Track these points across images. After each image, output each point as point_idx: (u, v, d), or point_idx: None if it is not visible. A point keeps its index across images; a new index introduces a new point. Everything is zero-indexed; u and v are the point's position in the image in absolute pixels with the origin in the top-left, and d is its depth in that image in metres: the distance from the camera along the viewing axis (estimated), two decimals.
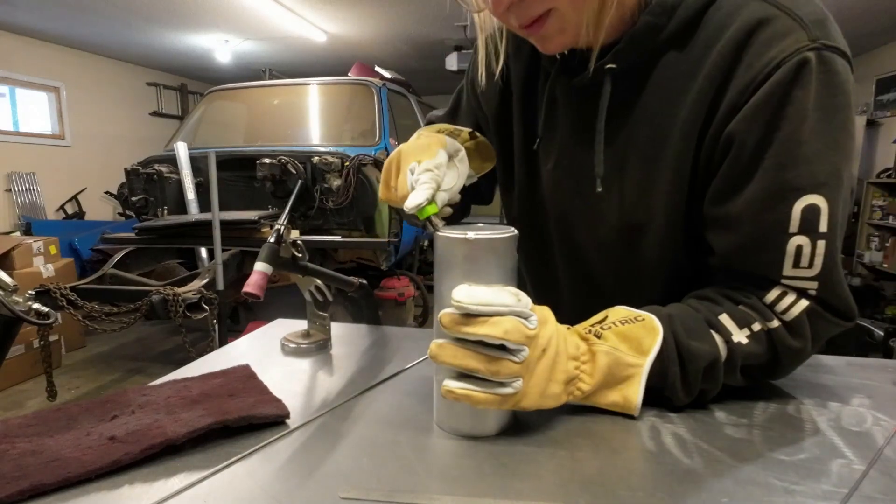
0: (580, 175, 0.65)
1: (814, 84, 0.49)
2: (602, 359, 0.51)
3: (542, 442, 0.49)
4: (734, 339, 0.53)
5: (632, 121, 0.60)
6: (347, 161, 3.14)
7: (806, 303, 0.52)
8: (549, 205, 0.72)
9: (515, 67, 0.72)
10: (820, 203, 0.50)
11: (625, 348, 0.52)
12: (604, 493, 0.41)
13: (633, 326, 0.53)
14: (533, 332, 0.46)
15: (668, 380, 0.52)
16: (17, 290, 1.23)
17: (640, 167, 0.61)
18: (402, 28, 5.02)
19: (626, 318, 0.54)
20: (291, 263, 0.76)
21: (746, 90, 0.51)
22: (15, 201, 5.11)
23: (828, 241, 0.51)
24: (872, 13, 4.36)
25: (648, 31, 0.55)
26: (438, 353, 0.46)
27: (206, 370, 0.65)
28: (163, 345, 3.89)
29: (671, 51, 0.57)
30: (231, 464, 0.46)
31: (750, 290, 0.55)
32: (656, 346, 0.51)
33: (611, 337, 0.52)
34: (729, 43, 0.53)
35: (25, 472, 0.43)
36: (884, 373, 0.66)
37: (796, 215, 0.51)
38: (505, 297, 0.45)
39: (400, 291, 3.66)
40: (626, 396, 0.52)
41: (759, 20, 0.51)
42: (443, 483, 0.43)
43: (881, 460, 0.45)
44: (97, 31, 5.05)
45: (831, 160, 0.50)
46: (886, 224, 5.00)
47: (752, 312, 0.54)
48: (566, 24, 0.54)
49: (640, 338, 0.52)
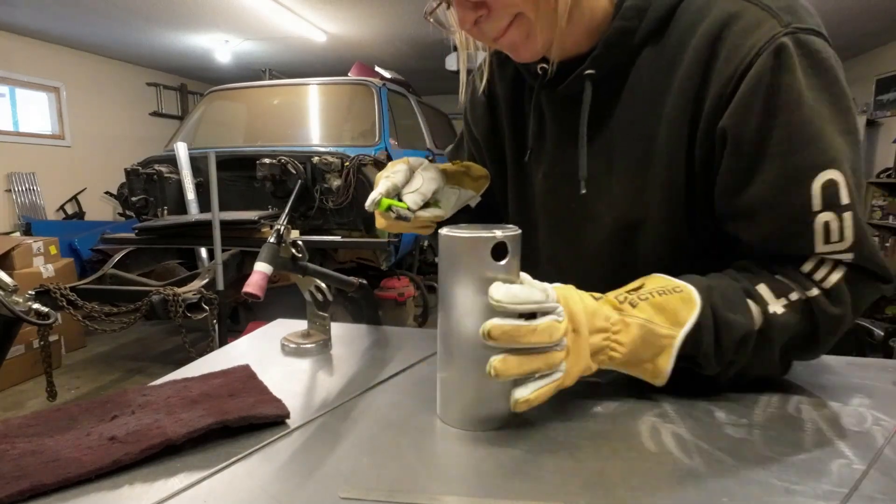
0: (570, 180, 0.67)
1: (798, 67, 0.51)
2: (635, 330, 0.52)
3: (542, 442, 0.49)
4: (770, 309, 0.53)
5: (615, 122, 0.62)
6: (347, 161, 3.14)
7: (844, 269, 0.53)
8: (543, 212, 0.74)
9: (501, 88, 0.76)
10: (836, 177, 0.51)
11: (660, 320, 0.52)
12: (604, 493, 0.41)
13: (671, 297, 0.53)
14: (565, 323, 0.48)
15: (702, 349, 0.53)
16: (17, 290, 1.23)
17: (628, 167, 0.63)
18: (402, 28, 5.02)
19: (664, 289, 0.54)
20: (291, 263, 0.76)
21: (730, 82, 0.53)
22: (15, 201, 5.11)
23: (853, 211, 0.52)
24: (872, 13, 4.37)
25: (622, 34, 0.58)
26: (505, 368, 0.46)
27: (206, 370, 0.65)
28: (163, 345, 3.89)
29: (646, 50, 0.59)
30: (231, 464, 0.46)
31: (787, 262, 0.56)
32: (693, 317, 0.52)
33: (647, 308, 0.53)
34: (702, 38, 0.54)
35: (25, 473, 0.43)
36: (884, 373, 0.66)
37: (817, 193, 0.52)
38: (536, 294, 0.47)
39: (400, 291, 3.66)
40: (656, 365, 0.53)
41: (729, 14, 0.53)
42: (443, 483, 0.43)
43: (881, 460, 0.45)
44: (97, 31, 5.05)
45: (836, 134, 0.52)
46: (886, 224, 5.01)
47: (789, 282, 0.54)
48: (532, 29, 0.56)
49: (676, 309, 0.52)
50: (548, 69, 0.63)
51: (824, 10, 4.22)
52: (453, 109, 6.27)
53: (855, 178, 0.53)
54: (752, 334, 0.53)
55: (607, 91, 0.61)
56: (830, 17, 4.45)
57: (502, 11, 0.55)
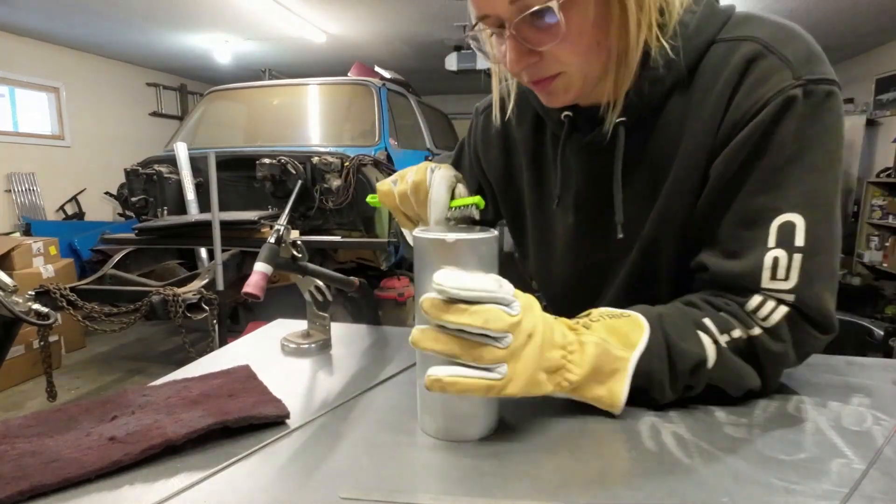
0: (600, 226, 0.68)
1: (796, 118, 0.53)
2: (591, 349, 0.51)
3: (541, 442, 0.49)
4: (719, 341, 0.54)
5: (643, 167, 0.63)
6: (347, 161, 3.14)
7: (786, 309, 0.54)
8: (569, 258, 0.75)
9: (520, 134, 0.76)
10: (796, 220, 0.53)
11: (613, 340, 0.53)
12: (604, 493, 0.41)
13: (620, 321, 0.54)
14: (516, 318, 0.45)
15: (655, 378, 0.53)
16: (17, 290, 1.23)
17: (655, 210, 0.64)
18: (402, 28, 5.02)
19: (613, 314, 0.55)
20: (291, 264, 0.76)
21: (736, 126, 0.56)
22: (15, 202, 5.11)
23: (804, 254, 0.53)
24: (872, 13, 4.36)
25: (653, 83, 0.59)
26: (420, 338, 0.45)
27: (206, 370, 0.65)
28: (163, 345, 3.89)
29: (674, 97, 0.60)
30: (231, 464, 0.46)
31: (731, 298, 0.56)
32: (642, 340, 0.53)
33: (599, 329, 0.53)
34: (724, 85, 0.57)
35: (25, 473, 0.43)
36: (884, 373, 0.66)
37: (773, 231, 0.54)
38: (487, 283, 0.45)
39: (400, 291, 3.65)
40: (611, 390, 0.52)
41: (748, 60, 0.55)
42: (443, 483, 0.43)
43: (881, 460, 0.45)
44: (97, 31, 5.05)
45: (809, 183, 0.54)
46: (886, 224, 5.00)
47: (732, 319, 0.55)
48: (571, 85, 0.59)
49: (626, 332, 0.53)
50: (572, 116, 0.65)
51: (824, 10, 4.22)
52: (453, 109, 6.28)
53: (824, 228, 0.54)
54: (704, 363, 0.53)
55: (639, 137, 0.62)
56: (830, 17, 4.45)
57: (552, 65, 0.57)
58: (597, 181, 0.67)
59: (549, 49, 0.54)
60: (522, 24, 0.53)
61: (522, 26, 0.54)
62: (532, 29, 0.54)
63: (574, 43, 0.54)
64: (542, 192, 0.76)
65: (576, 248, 0.73)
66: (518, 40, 0.55)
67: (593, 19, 0.53)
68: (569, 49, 0.55)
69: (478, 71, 5.26)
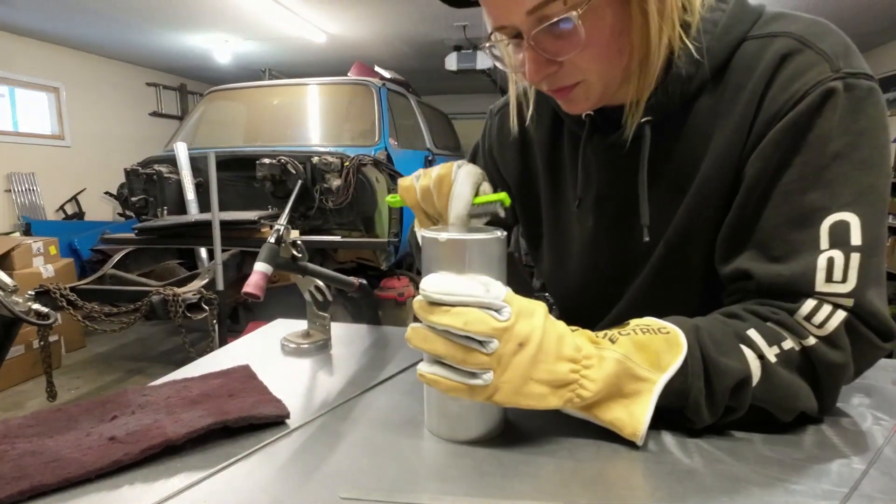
0: (620, 229, 0.66)
1: (838, 111, 0.50)
2: (610, 366, 0.46)
3: (542, 442, 0.49)
4: (766, 355, 0.48)
5: (669, 168, 0.61)
6: (347, 161, 3.14)
7: (844, 314, 0.48)
8: (585, 261, 0.72)
9: (537, 135, 0.74)
10: (849, 219, 0.49)
11: (639, 359, 0.48)
12: (604, 493, 0.41)
13: (655, 337, 0.49)
14: (504, 324, 0.44)
15: (691, 397, 0.47)
16: (17, 290, 1.23)
17: (682, 212, 0.61)
18: (402, 28, 5.02)
19: (649, 327, 0.50)
20: (291, 263, 0.76)
21: (772, 122, 0.52)
22: (15, 202, 5.11)
23: (862, 254, 0.48)
24: (872, 13, 4.36)
25: (680, 81, 0.56)
26: (411, 336, 0.47)
27: (206, 370, 0.65)
28: (163, 345, 3.89)
29: (703, 97, 0.58)
30: (231, 464, 0.46)
31: (780, 305, 0.51)
32: (676, 363, 0.47)
33: (625, 343, 0.48)
34: (758, 80, 0.54)
35: (25, 473, 0.43)
36: (884, 373, 0.66)
37: (825, 232, 0.50)
38: (473, 288, 0.44)
39: (400, 291, 3.65)
40: (631, 413, 0.47)
41: (783, 55, 0.53)
42: (443, 483, 0.43)
43: (881, 460, 0.45)
44: (97, 31, 5.05)
45: (859, 180, 0.50)
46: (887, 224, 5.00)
47: (781, 329, 0.49)
48: (591, 93, 0.57)
49: (659, 351, 0.48)
50: (594, 116, 0.63)
51: (824, 10, 4.22)
52: (453, 109, 6.28)
53: (879, 228, 0.50)
54: (749, 380, 0.48)
55: (665, 136, 0.60)
56: (831, 17, 4.42)
57: (572, 74, 0.55)
58: (618, 183, 0.65)
59: (569, 58, 0.53)
60: (540, 34, 0.52)
61: (541, 37, 0.52)
62: (550, 39, 0.52)
63: (594, 51, 0.53)
64: (560, 195, 0.74)
65: (593, 251, 0.70)
66: (537, 51, 0.53)
67: (612, 26, 0.51)
68: (588, 57, 0.53)
69: (478, 71, 5.26)
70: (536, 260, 0.83)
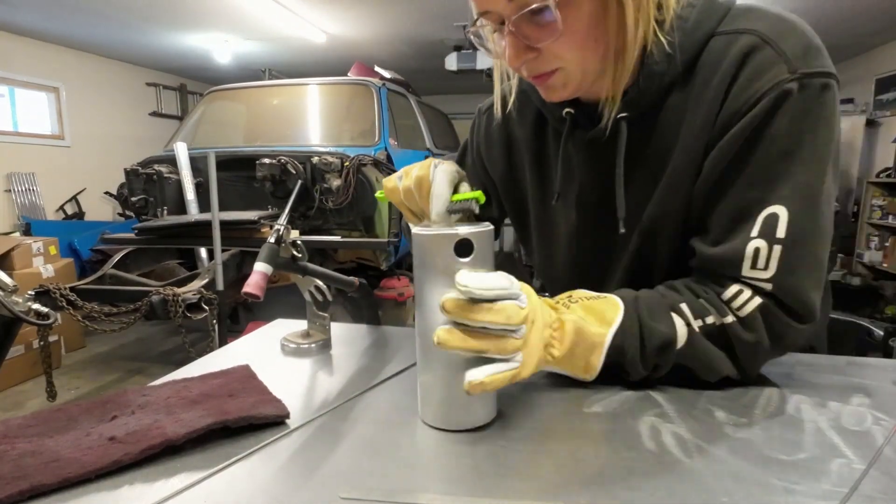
0: (602, 221, 0.70)
1: (790, 112, 0.54)
2: (569, 327, 0.55)
3: (541, 442, 0.49)
4: (692, 325, 0.57)
5: (644, 162, 0.65)
6: (347, 161, 3.14)
7: (759, 300, 0.56)
8: (571, 252, 0.77)
9: (522, 133, 0.78)
10: (780, 212, 0.55)
11: (591, 319, 0.56)
12: (604, 493, 0.41)
13: (598, 301, 0.59)
14: (526, 310, 0.49)
15: (628, 353, 0.57)
16: (17, 290, 1.23)
17: (654, 202, 0.66)
18: (402, 28, 5.02)
19: (591, 296, 0.60)
20: (291, 264, 0.76)
21: (733, 118, 0.57)
22: (14, 202, 5.11)
23: (784, 246, 0.55)
24: (872, 13, 4.36)
25: (653, 78, 0.60)
26: (448, 338, 0.47)
27: (206, 370, 0.65)
28: (163, 345, 3.89)
29: (674, 92, 0.61)
30: (231, 464, 0.46)
31: (711, 286, 0.59)
32: (618, 318, 0.57)
33: (578, 310, 0.57)
34: (722, 77, 0.58)
35: (25, 473, 0.43)
36: (884, 373, 0.66)
37: (759, 223, 0.56)
38: (502, 281, 0.48)
39: (400, 291, 3.66)
40: (588, 363, 0.57)
41: (745, 53, 0.56)
42: (443, 483, 0.43)
43: (881, 460, 0.45)
44: (97, 31, 5.05)
45: (796, 176, 0.55)
46: (886, 224, 5.00)
47: (708, 306, 0.58)
48: (569, 80, 0.60)
49: (603, 310, 0.57)
50: (574, 113, 0.67)
51: (824, 10, 4.22)
52: (453, 109, 6.27)
53: (808, 220, 0.55)
54: (674, 344, 0.57)
55: (640, 131, 0.64)
56: (830, 17, 4.44)
57: (550, 61, 0.58)
58: (599, 177, 0.69)
59: (547, 45, 0.56)
60: (521, 21, 0.55)
61: (521, 23, 0.55)
62: (530, 26, 0.56)
63: (571, 39, 0.56)
64: (545, 190, 0.77)
65: (577, 243, 0.76)
66: (517, 36, 0.56)
67: (590, 16, 0.55)
68: (566, 45, 0.56)
69: (478, 71, 5.26)
70: (527, 253, 0.87)
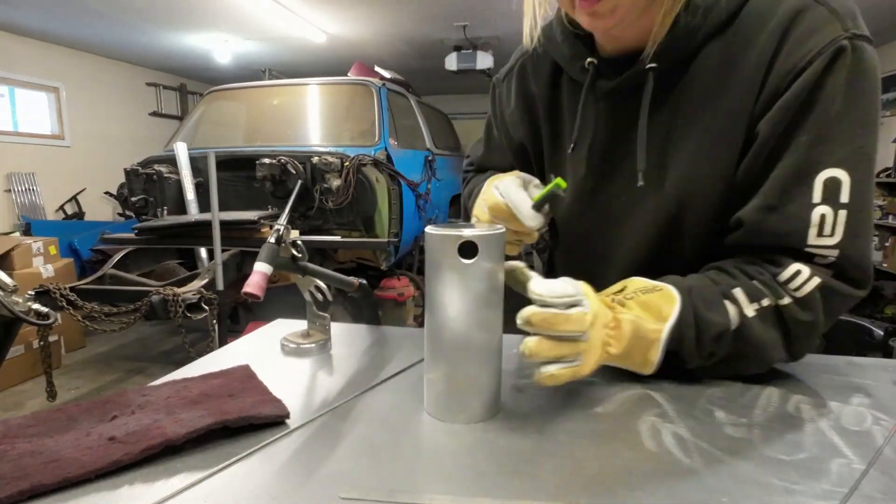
0: (622, 173, 0.69)
1: (845, 71, 0.54)
2: (627, 327, 0.56)
3: (541, 442, 0.49)
4: (745, 311, 0.57)
5: (672, 115, 0.64)
6: (347, 161, 3.14)
7: (818, 280, 0.56)
8: (587, 206, 0.75)
9: (537, 87, 0.78)
10: (841, 176, 0.54)
11: (647, 316, 0.57)
12: (604, 493, 0.41)
13: (654, 296, 0.58)
14: (590, 314, 0.52)
15: (685, 344, 0.57)
16: (17, 290, 1.23)
17: (683, 159, 0.64)
18: (402, 28, 5.02)
19: (646, 289, 0.59)
20: (291, 264, 0.76)
21: (787, 76, 0.56)
22: (14, 202, 5.11)
23: (849, 211, 0.55)
24: (872, 13, 4.36)
25: (688, 31, 0.59)
26: (539, 350, 0.50)
27: (206, 370, 0.65)
28: (163, 345, 3.89)
29: (710, 45, 0.60)
30: (231, 464, 0.46)
31: (766, 266, 0.58)
32: (674, 313, 0.57)
33: (634, 307, 0.58)
34: (771, 35, 0.57)
35: (25, 473, 0.43)
36: (884, 373, 0.66)
37: (818, 186, 0.55)
38: (569, 288, 0.51)
39: (400, 291, 3.66)
40: (646, 359, 0.58)
41: (796, 10, 0.56)
42: (443, 483, 0.43)
43: (881, 460, 0.45)
44: (97, 31, 5.05)
45: (855, 139, 0.54)
46: (886, 224, 5.00)
47: (763, 288, 0.57)
48: (619, 4, 0.57)
49: (659, 305, 0.57)
50: (596, 63, 0.66)
51: None
52: (453, 109, 6.28)
53: (867, 185, 0.55)
54: (728, 332, 0.57)
55: (666, 85, 0.63)
56: None
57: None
58: (616, 130, 0.68)
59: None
60: None
61: None
62: None
63: None
64: (558, 145, 0.78)
65: (585, 199, 0.75)
66: None
67: None
68: None
69: (478, 71, 5.26)
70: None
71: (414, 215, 3.62)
